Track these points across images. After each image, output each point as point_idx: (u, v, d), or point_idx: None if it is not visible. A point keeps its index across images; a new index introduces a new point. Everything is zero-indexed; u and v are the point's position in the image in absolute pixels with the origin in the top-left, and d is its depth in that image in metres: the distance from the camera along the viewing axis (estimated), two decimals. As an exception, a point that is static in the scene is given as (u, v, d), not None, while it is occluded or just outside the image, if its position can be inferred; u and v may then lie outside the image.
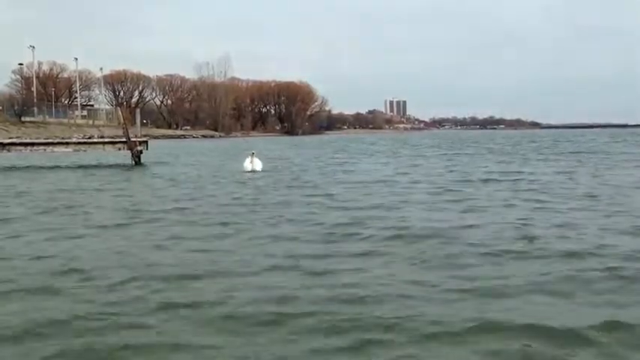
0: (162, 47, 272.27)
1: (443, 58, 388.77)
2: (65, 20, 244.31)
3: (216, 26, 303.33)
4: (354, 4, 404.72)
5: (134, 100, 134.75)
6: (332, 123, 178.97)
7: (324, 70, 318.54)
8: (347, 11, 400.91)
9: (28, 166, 26.16)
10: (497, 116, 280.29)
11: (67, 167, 25.79)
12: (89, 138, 41.41)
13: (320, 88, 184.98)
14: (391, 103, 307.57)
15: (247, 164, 20.95)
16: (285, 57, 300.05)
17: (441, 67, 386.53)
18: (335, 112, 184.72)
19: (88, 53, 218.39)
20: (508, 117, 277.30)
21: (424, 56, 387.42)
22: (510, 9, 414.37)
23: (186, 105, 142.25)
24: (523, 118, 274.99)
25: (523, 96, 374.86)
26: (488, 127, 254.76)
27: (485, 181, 16.24)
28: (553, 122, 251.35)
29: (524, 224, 8.75)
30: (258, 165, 20.96)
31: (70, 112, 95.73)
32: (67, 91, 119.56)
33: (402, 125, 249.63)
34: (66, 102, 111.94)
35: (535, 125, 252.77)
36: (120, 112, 31.15)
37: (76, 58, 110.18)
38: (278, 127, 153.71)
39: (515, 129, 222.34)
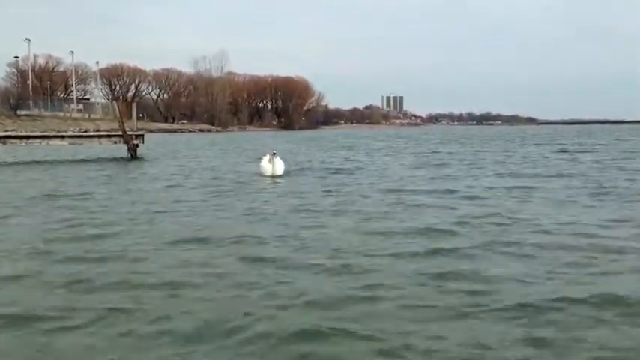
0: (160, 42, 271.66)
1: (441, 54, 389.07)
2: (61, 14, 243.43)
3: (214, 21, 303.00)
4: (352, 1, 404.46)
5: (130, 94, 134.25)
6: (329, 118, 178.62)
7: (322, 65, 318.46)
8: (345, 8, 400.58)
9: (20, 162, 26.00)
10: (494, 112, 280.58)
11: (62, 161, 25.67)
12: (85, 131, 41.17)
13: (317, 84, 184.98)
14: (388, 98, 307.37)
15: (266, 166, 17.02)
16: (282, 52, 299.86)
17: (439, 64, 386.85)
18: (332, 107, 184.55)
19: (85, 47, 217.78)
20: (505, 113, 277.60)
21: (422, 52, 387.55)
22: (509, 8, 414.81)
23: (183, 99, 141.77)
24: (520, 114, 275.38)
25: (520, 93, 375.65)
26: (484, 123, 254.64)
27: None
28: (549, 119, 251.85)
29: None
30: (279, 168, 17.00)
31: (66, 105, 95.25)
32: (63, 84, 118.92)
33: (398, 121, 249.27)
34: (62, 95, 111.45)
35: (531, 121, 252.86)
36: (116, 106, 31.00)
37: (72, 52, 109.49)
38: (275, 122, 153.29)
39: (512, 125, 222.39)
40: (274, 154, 17.13)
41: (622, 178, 15.39)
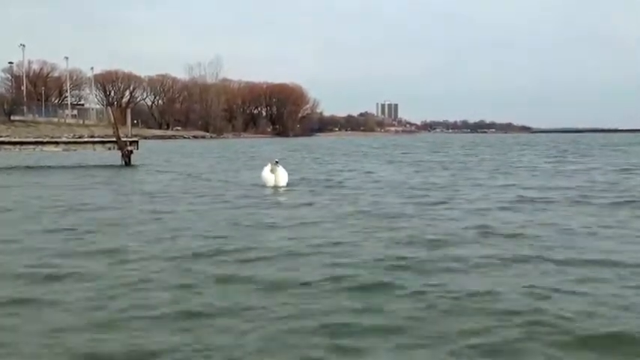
0: (154, 48, 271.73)
1: (436, 62, 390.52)
2: (55, 19, 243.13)
3: (209, 28, 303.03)
4: (348, 7, 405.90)
5: (125, 100, 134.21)
6: (323, 125, 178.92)
7: (317, 72, 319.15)
8: (341, 14, 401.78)
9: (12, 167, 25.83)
10: (489, 120, 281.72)
11: (55, 168, 25.52)
12: (79, 137, 40.98)
13: (312, 91, 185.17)
14: (383, 106, 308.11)
15: (268, 176, 15.44)
16: (277, 59, 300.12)
17: (434, 71, 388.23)
18: (327, 114, 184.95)
19: (79, 53, 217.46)
20: (499, 121, 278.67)
21: (417, 60, 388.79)
22: (506, 17, 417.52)
23: (178, 105, 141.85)
24: (514, 122, 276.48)
25: (515, 101, 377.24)
26: (479, 130, 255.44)
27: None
28: (544, 127, 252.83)
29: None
30: (282, 178, 15.42)
31: (60, 111, 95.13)
32: (58, 90, 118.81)
33: (393, 128, 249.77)
34: (56, 101, 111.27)
35: (526, 129, 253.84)
36: (110, 112, 30.87)
37: (67, 58, 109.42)
38: (269, 129, 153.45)
39: (506, 132, 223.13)
40: (277, 162, 15.65)
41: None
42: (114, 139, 26.74)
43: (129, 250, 7.46)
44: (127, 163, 25.70)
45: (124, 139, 26.79)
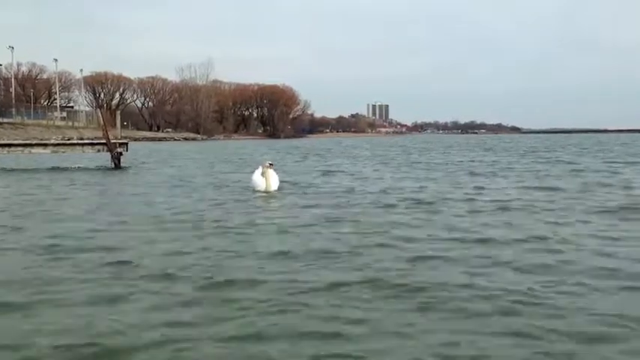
0: (145, 50, 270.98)
1: (427, 63, 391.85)
2: (46, 22, 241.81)
3: (200, 30, 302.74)
4: (338, 9, 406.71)
5: (115, 101, 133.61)
6: (314, 126, 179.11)
7: (308, 73, 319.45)
8: (332, 16, 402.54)
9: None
10: (479, 121, 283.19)
11: (42, 170, 25.23)
12: (68, 140, 40.68)
13: (303, 92, 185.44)
14: (374, 107, 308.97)
15: (258, 180, 14.34)
16: (268, 60, 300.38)
17: (425, 72, 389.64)
18: (317, 115, 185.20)
19: (69, 55, 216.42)
20: (489, 122, 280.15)
21: (409, 61, 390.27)
22: (499, 20, 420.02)
23: (168, 107, 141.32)
24: (504, 123, 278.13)
25: (505, 101, 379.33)
26: (469, 131, 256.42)
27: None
28: (533, 127, 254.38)
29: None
30: (273, 182, 14.32)
31: (50, 113, 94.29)
32: (47, 92, 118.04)
33: (384, 129, 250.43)
34: (45, 103, 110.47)
35: (515, 130, 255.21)
36: (100, 114, 30.56)
37: (56, 59, 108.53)
38: (260, 131, 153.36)
39: (496, 133, 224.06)
40: (270, 164, 14.54)
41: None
42: (103, 141, 26.47)
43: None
44: (117, 166, 25.43)
45: (114, 141, 26.53)
